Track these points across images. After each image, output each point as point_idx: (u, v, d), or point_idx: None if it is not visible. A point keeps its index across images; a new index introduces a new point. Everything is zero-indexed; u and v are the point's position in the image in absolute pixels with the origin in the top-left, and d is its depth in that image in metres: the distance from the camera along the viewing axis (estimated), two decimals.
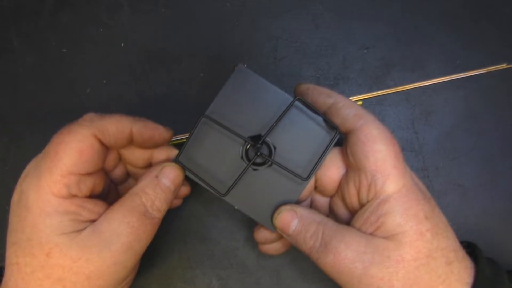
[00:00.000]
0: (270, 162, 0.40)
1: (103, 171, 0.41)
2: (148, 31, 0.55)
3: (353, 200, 0.39)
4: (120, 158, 0.44)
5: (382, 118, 0.53)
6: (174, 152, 0.43)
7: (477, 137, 0.53)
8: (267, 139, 0.40)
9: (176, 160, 0.40)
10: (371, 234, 0.36)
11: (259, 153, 0.39)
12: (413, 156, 0.53)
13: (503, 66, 0.53)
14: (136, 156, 0.43)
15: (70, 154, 0.35)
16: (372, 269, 0.34)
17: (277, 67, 0.54)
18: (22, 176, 0.38)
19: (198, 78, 0.54)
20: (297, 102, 0.40)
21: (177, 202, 0.47)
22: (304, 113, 0.40)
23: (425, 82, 0.53)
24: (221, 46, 0.55)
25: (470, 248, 0.39)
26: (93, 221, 0.36)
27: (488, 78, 0.54)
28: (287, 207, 0.39)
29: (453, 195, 0.52)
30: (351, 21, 0.55)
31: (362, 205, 0.38)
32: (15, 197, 0.37)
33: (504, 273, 0.37)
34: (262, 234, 0.43)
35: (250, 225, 0.51)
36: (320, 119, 0.40)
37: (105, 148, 0.38)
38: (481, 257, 0.37)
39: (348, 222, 0.39)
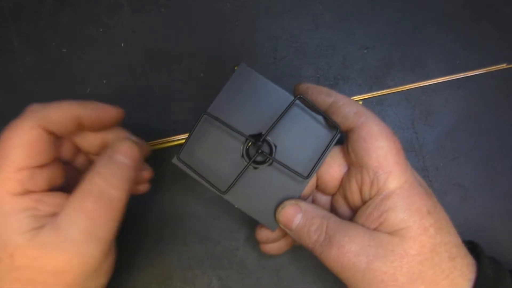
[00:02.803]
0: (271, 161, 0.40)
1: (61, 162, 0.40)
2: (148, 31, 0.55)
3: (355, 198, 0.39)
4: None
5: (382, 118, 0.52)
6: (124, 133, 0.42)
7: (477, 137, 0.53)
8: (268, 137, 0.40)
9: (177, 158, 0.40)
10: (374, 230, 0.36)
11: (259, 151, 0.39)
12: (413, 156, 0.53)
13: (503, 66, 0.54)
14: (89, 142, 0.41)
15: (18, 149, 0.34)
16: (376, 263, 0.34)
17: (277, 67, 0.54)
18: None
19: (198, 78, 0.54)
20: (298, 101, 0.40)
21: (144, 188, 0.45)
22: (305, 112, 0.40)
23: (425, 82, 0.53)
24: (221, 46, 0.55)
25: (471, 246, 0.39)
26: (54, 214, 0.35)
27: (488, 78, 0.54)
28: (291, 201, 0.39)
29: (453, 195, 0.52)
30: (351, 21, 0.55)
31: (364, 202, 0.38)
32: None
33: (506, 272, 0.37)
34: (263, 233, 0.43)
35: (250, 225, 0.51)
36: (321, 118, 0.40)
37: (55, 137, 0.37)
38: (483, 255, 0.37)
39: (350, 220, 0.38)
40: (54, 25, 0.55)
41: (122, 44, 0.55)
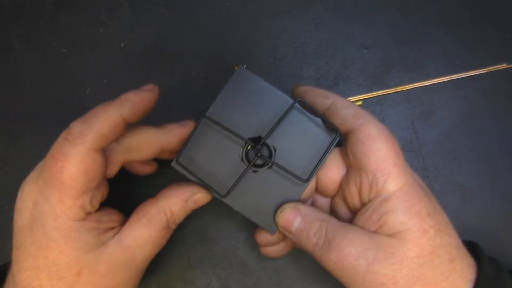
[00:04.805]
0: (270, 164, 0.40)
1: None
2: (148, 31, 0.55)
3: (355, 200, 0.39)
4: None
5: (382, 118, 0.53)
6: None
7: (477, 137, 0.53)
8: (267, 140, 0.40)
9: (176, 162, 0.40)
10: (374, 232, 0.36)
11: (259, 155, 0.39)
12: (413, 156, 0.53)
13: (503, 66, 0.53)
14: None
15: (76, 179, 0.34)
16: (376, 266, 0.34)
17: (277, 67, 0.54)
18: (25, 199, 0.36)
19: (198, 78, 0.54)
20: (297, 104, 0.40)
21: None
22: (304, 115, 0.40)
23: (425, 82, 0.53)
24: (221, 46, 0.55)
25: (471, 246, 0.39)
26: (112, 228, 0.38)
27: (488, 78, 0.54)
28: (290, 204, 0.39)
29: (453, 195, 0.52)
30: (351, 21, 0.55)
31: (363, 205, 0.38)
32: (23, 221, 0.36)
33: (506, 272, 0.37)
34: (263, 236, 0.43)
35: (250, 225, 0.51)
36: (319, 120, 0.40)
37: (104, 152, 0.37)
38: (483, 256, 0.37)
39: (349, 222, 0.39)
40: (54, 25, 0.55)
41: (122, 44, 0.55)
